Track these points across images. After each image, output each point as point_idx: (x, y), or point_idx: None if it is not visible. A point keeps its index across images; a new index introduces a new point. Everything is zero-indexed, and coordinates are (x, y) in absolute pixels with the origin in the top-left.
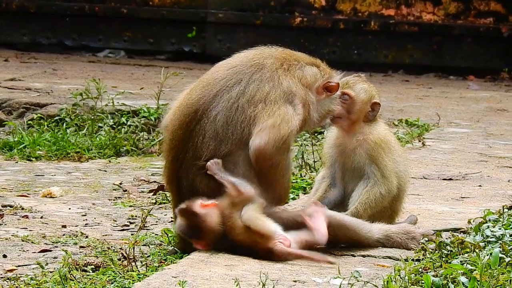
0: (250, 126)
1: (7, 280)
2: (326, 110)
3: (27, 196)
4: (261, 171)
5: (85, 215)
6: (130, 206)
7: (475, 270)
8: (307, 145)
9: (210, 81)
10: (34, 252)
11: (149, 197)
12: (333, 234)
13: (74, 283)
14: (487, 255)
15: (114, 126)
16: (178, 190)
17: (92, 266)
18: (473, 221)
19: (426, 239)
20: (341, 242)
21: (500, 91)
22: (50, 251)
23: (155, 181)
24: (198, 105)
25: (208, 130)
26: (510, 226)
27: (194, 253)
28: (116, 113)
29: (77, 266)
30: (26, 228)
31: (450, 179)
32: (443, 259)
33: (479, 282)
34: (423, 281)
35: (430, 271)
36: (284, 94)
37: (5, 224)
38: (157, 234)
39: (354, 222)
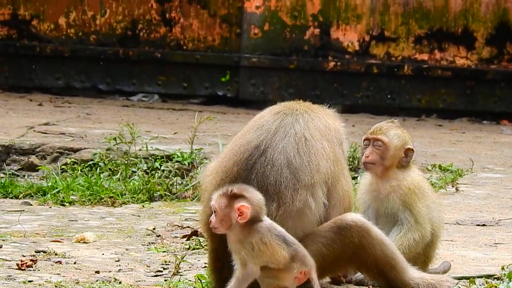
0: (325, 161)
1: None
2: None
3: (60, 242)
4: None
5: (118, 261)
6: (164, 251)
7: None
8: None
9: (263, 124)
10: None
11: (182, 243)
12: (371, 246)
13: None
14: None
15: (147, 171)
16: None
17: None
18: (507, 267)
19: (460, 285)
20: (373, 259)
21: None
22: None
23: (188, 226)
24: (259, 141)
25: (277, 159)
26: None
27: None
28: (149, 157)
29: None
30: (60, 274)
31: (484, 224)
32: None
33: None
34: None
35: None
36: (335, 132)
37: (39, 270)
38: (190, 280)
39: (394, 246)
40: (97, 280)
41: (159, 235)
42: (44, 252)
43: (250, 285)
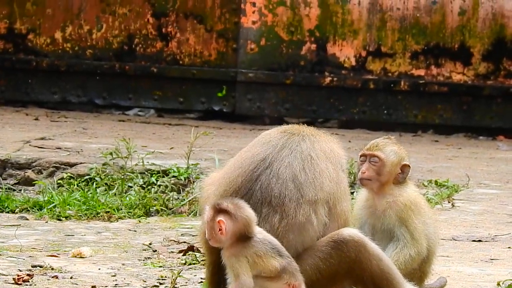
0: (329, 181)
1: None
2: None
3: (57, 256)
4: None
5: (114, 276)
6: (160, 266)
7: None
8: None
9: (269, 140)
10: None
11: (179, 258)
12: (368, 261)
13: None
14: None
15: (144, 185)
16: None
17: None
18: (503, 283)
19: None
20: (369, 274)
21: None
22: None
23: (185, 242)
24: (265, 154)
25: (282, 172)
26: None
27: None
28: (146, 172)
29: None
30: None
31: (480, 240)
32: None
33: None
34: None
35: None
36: (338, 157)
37: (35, 285)
38: None
39: (390, 261)
40: None
41: (156, 250)
42: (41, 266)
43: None
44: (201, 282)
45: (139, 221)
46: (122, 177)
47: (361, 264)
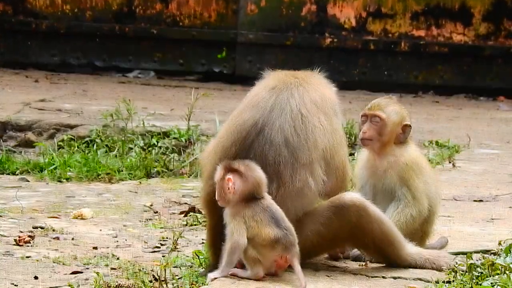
0: (323, 136)
1: None
2: None
3: (58, 218)
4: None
5: (116, 237)
6: (161, 227)
7: None
8: None
9: (259, 101)
10: (66, 274)
11: (179, 219)
12: (369, 224)
13: None
14: None
15: (144, 147)
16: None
17: None
18: (504, 242)
19: (457, 260)
20: (371, 237)
21: None
22: (81, 272)
23: (186, 203)
24: (255, 119)
25: (274, 138)
26: None
27: None
28: (146, 134)
29: None
30: (57, 249)
31: (481, 200)
32: (474, 281)
33: None
34: None
35: None
36: (331, 102)
37: (36, 246)
38: (188, 256)
39: (391, 223)
40: (95, 256)
41: (157, 212)
42: (42, 228)
43: None
44: (202, 243)
45: (140, 183)
46: (123, 138)
47: (362, 227)
